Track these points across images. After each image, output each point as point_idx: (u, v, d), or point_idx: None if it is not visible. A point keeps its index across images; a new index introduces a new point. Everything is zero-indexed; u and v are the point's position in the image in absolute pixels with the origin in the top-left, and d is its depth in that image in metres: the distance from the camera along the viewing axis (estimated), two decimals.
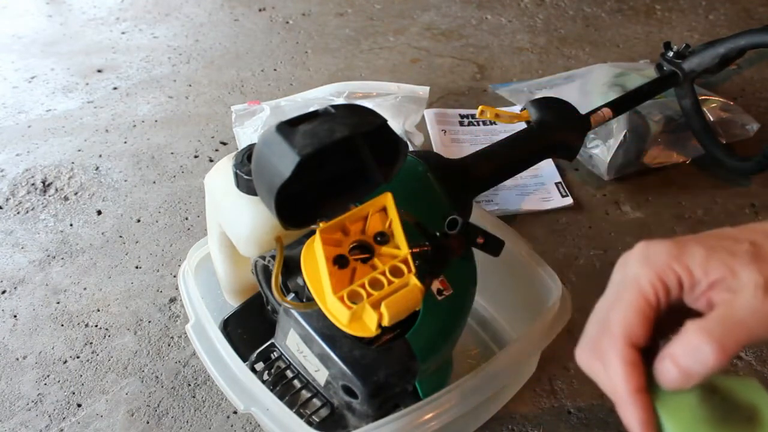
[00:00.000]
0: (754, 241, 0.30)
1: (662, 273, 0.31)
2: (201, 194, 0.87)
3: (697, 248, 0.31)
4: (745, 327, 0.28)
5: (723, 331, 0.28)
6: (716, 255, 0.30)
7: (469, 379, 0.50)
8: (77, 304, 0.74)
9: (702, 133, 0.92)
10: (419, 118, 0.97)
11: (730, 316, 0.29)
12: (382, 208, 0.42)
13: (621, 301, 0.31)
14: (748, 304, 0.29)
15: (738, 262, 0.30)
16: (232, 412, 0.63)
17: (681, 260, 0.30)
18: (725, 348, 0.28)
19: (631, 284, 0.31)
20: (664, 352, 0.30)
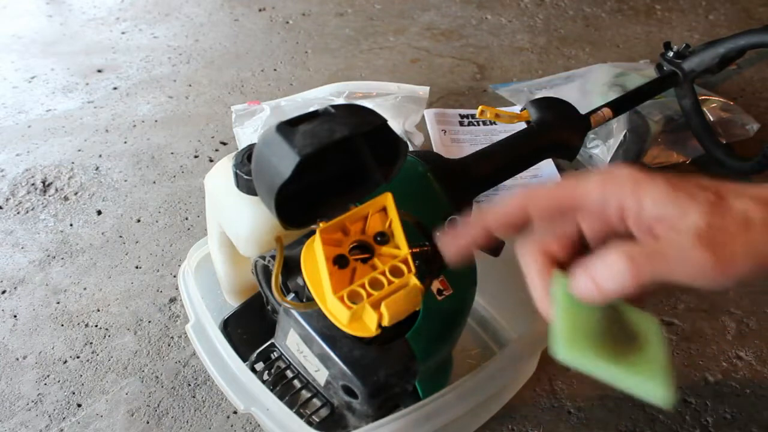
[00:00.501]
0: (721, 194, 0.31)
1: (608, 193, 0.32)
2: (201, 194, 0.87)
3: (661, 184, 0.31)
4: (666, 264, 0.29)
5: (644, 261, 0.29)
6: (675, 194, 0.31)
7: (469, 379, 0.50)
8: (77, 304, 0.74)
9: (702, 133, 0.92)
10: (419, 118, 0.97)
11: (657, 250, 0.30)
12: (382, 208, 0.42)
13: (557, 191, 0.34)
14: (680, 245, 0.29)
15: (693, 206, 0.30)
16: (232, 412, 0.63)
17: (637, 189, 0.31)
18: (640, 275, 0.29)
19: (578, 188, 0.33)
20: (584, 265, 0.31)
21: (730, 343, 0.70)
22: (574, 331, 0.32)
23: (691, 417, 0.63)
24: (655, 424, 0.62)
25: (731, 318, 0.73)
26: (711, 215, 0.30)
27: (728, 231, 0.29)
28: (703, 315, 0.73)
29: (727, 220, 0.30)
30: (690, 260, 0.29)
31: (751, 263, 0.30)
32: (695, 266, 0.29)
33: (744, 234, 0.29)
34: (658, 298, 0.74)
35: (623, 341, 0.32)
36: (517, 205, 0.35)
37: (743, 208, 0.30)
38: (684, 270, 0.29)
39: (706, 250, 0.29)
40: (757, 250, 0.30)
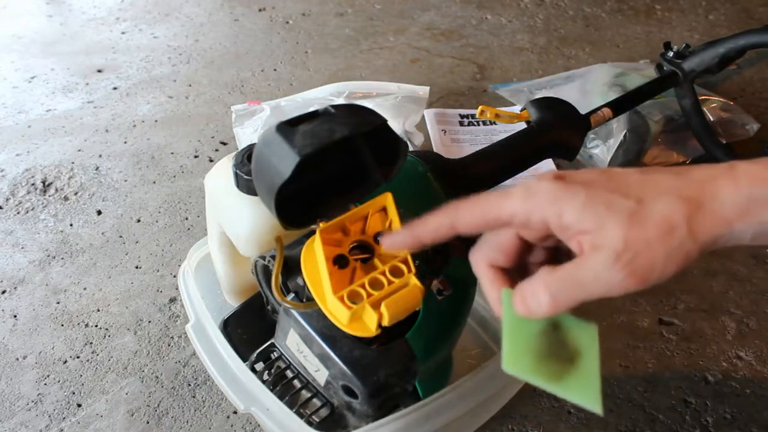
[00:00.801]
0: (642, 200, 0.31)
1: (530, 211, 0.32)
2: (201, 194, 0.87)
3: (580, 195, 0.31)
4: (583, 288, 0.31)
5: (561, 288, 0.31)
6: (593, 207, 0.31)
7: (469, 379, 0.50)
8: (77, 304, 0.74)
9: (702, 133, 0.92)
10: (419, 118, 0.97)
11: (573, 277, 0.31)
12: (382, 208, 0.42)
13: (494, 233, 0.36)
14: (595, 268, 0.30)
15: (611, 219, 0.30)
16: (232, 412, 0.63)
17: (556, 205, 0.32)
18: (558, 303, 0.32)
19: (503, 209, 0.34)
20: (518, 286, 0.34)
21: (730, 343, 0.70)
22: (515, 347, 0.34)
23: (691, 417, 0.63)
24: (655, 424, 0.62)
25: (731, 318, 0.73)
26: (629, 228, 0.30)
27: (647, 242, 0.30)
28: (703, 315, 0.73)
29: (646, 229, 0.30)
30: (608, 280, 0.30)
31: (675, 265, 0.30)
32: (616, 285, 0.30)
33: (665, 240, 0.30)
34: (658, 298, 0.75)
35: (560, 355, 0.34)
36: (444, 223, 0.35)
37: (665, 213, 0.30)
38: (605, 289, 0.31)
39: (623, 269, 0.30)
40: (680, 252, 0.30)
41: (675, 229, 0.30)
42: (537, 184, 0.32)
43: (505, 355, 0.34)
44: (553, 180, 0.32)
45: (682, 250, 0.30)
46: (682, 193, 0.31)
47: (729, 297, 0.75)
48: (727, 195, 0.30)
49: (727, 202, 0.30)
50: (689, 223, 0.30)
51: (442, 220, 0.36)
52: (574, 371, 0.34)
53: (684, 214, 0.30)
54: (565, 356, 0.34)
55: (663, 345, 0.69)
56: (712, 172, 0.31)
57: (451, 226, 0.35)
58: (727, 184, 0.30)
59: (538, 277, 0.32)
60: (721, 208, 0.30)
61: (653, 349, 0.69)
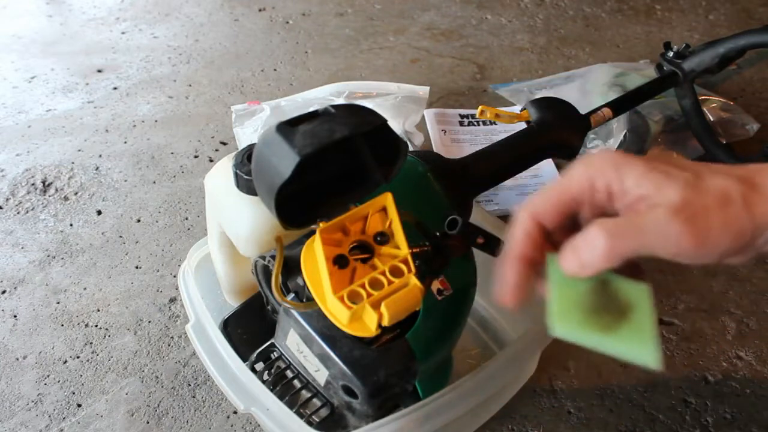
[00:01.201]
0: (699, 172, 0.32)
1: (594, 176, 0.33)
2: (201, 194, 0.87)
3: (639, 164, 0.32)
4: (641, 237, 0.30)
5: (620, 233, 0.31)
6: (652, 174, 0.32)
7: (469, 379, 0.50)
8: (77, 304, 0.74)
9: (702, 133, 0.92)
10: (419, 118, 0.97)
11: (633, 224, 0.31)
12: (382, 208, 0.42)
13: (550, 187, 0.35)
14: (655, 219, 0.30)
15: (669, 183, 0.31)
16: (232, 412, 0.63)
17: (619, 170, 0.32)
18: (618, 248, 0.31)
19: (565, 177, 0.35)
20: (569, 241, 0.33)
21: (730, 343, 0.70)
22: (565, 307, 0.33)
23: (691, 417, 0.63)
24: (655, 424, 0.62)
25: (731, 318, 0.73)
26: (687, 191, 0.31)
27: (705, 206, 0.30)
28: (703, 315, 0.73)
29: (703, 196, 0.31)
30: (667, 233, 0.30)
31: (730, 238, 0.30)
32: (672, 239, 0.30)
33: (721, 209, 0.30)
34: (659, 298, 0.75)
35: (612, 312, 0.33)
36: (533, 227, 0.35)
37: (721, 185, 0.31)
38: (662, 243, 0.30)
39: (683, 224, 0.30)
40: (736, 225, 0.30)
41: (731, 201, 0.30)
42: (597, 155, 0.33)
43: (553, 318, 0.33)
44: (613, 153, 0.33)
45: (737, 223, 0.30)
46: (737, 173, 0.31)
47: (729, 297, 0.75)
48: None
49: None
50: (745, 199, 0.30)
51: (530, 225, 0.35)
52: (626, 324, 0.33)
53: (740, 192, 0.31)
54: (617, 310, 0.33)
55: (663, 345, 0.69)
56: (759, 167, 0.32)
57: (538, 226, 0.35)
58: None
59: (596, 224, 0.32)
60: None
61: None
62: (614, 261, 0.31)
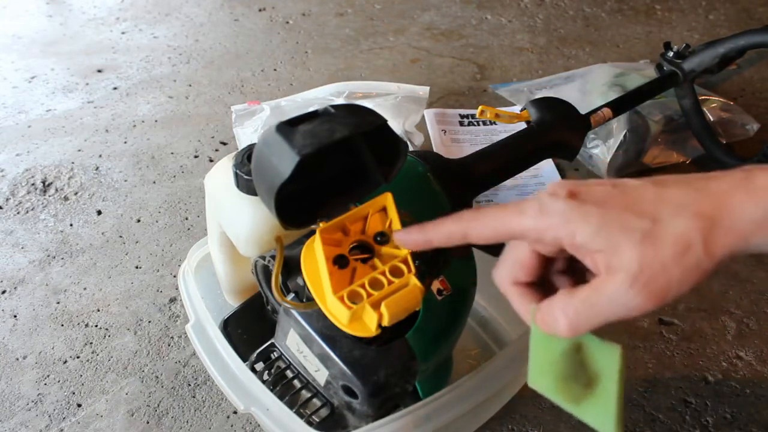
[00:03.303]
0: (656, 218, 0.30)
1: (543, 233, 0.32)
2: (201, 194, 0.87)
3: (592, 216, 0.31)
4: (600, 313, 0.31)
5: (578, 314, 0.32)
6: (606, 228, 0.31)
7: (469, 379, 0.50)
8: (77, 304, 0.74)
9: (702, 133, 0.92)
10: (419, 118, 0.97)
11: (590, 303, 0.31)
12: (382, 208, 0.42)
13: (507, 253, 0.36)
14: (612, 293, 0.30)
15: (626, 240, 0.30)
16: (232, 412, 0.63)
17: (569, 225, 0.31)
18: (576, 328, 0.32)
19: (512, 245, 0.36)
20: (539, 306, 0.34)
21: (730, 343, 0.70)
22: (540, 367, 0.35)
23: (691, 417, 0.63)
24: (655, 424, 0.62)
25: (731, 318, 0.73)
26: (644, 249, 0.30)
27: (663, 263, 0.30)
28: (703, 315, 0.73)
29: (661, 250, 0.30)
30: (627, 303, 0.30)
31: (689, 284, 0.30)
32: (633, 307, 0.30)
33: (681, 259, 0.30)
34: None
35: (581, 381, 0.34)
36: (457, 231, 0.36)
37: (681, 232, 0.30)
38: (622, 312, 0.31)
39: (640, 292, 0.30)
40: (696, 272, 0.30)
41: (691, 247, 0.30)
42: (551, 202, 0.32)
43: (530, 372, 0.35)
44: (566, 199, 0.32)
45: (698, 268, 0.30)
46: (697, 209, 0.30)
47: (729, 297, 0.75)
48: (744, 209, 0.30)
49: (744, 216, 0.30)
50: (705, 240, 0.30)
51: (456, 228, 0.36)
52: (592, 395, 0.34)
53: (700, 232, 0.30)
54: (585, 379, 0.34)
55: (663, 345, 0.69)
56: (729, 183, 0.31)
57: (463, 235, 0.36)
58: (745, 198, 0.30)
59: (556, 301, 0.33)
60: (739, 223, 0.30)
61: (653, 349, 0.69)
62: (576, 335, 0.33)
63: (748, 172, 0.31)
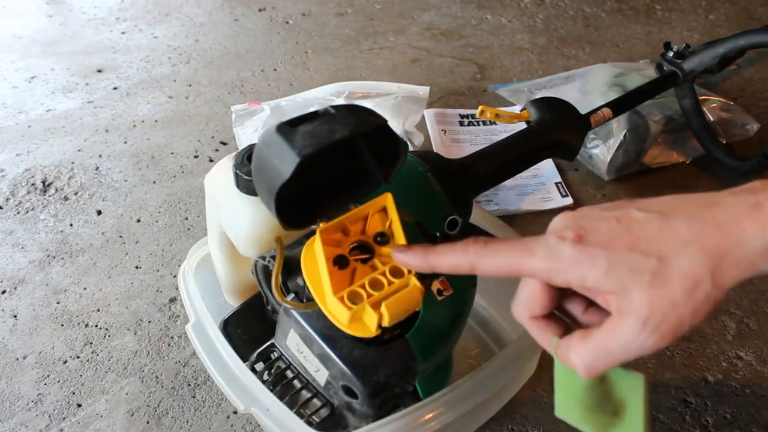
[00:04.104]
0: (663, 257, 0.30)
1: (553, 275, 0.33)
2: (201, 194, 0.87)
3: (599, 260, 0.31)
4: (613, 357, 0.32)
5: (593, 359, 0.33)
6: (615, 271, 0.31)
7: (469, 379, 0.50)
8: (77, 304, 0.74)
9: (702, 133, 0.92)
10: (419, 118, 0.97)
11: (603, 348, 0.32)
12: (382, 209, 0.42)
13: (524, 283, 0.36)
14: (624, 337, 0.31)
15: (635, 282, 0.30)
16: (232, 412, 0.63)
17: (578, 270, 0.32)
18: (592, 371, 0.33)
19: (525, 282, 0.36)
20: (558, 345, 0.35)
21: (730, 343, 0.70)
22: (566, 398, 0.37)
23: (691, 417, 0.63)
24: (655, 424, 0.62)
25: (731, 318, 0.73)
26: (653, 290, 0.30)
27: (673, 302, 0.30)
28: None
29: (671, 289, 0.30)
30: (640, 345, 0.31)
31: (702, 315, 0.30)
32: (644, 348, 0.31)
33: (691, 297, 0.30)
34: None
35: (607, 410, 0.35)
36: (464, 264, 0.36)
37: (688, 269, 0.30)
38: (634, 353, 0.31)
39: (652, 334, 0.30)
40: (705, 307, 0.30)
41: (699, 284, 0.30)
42: (558, 245, 0.32)
43: (557, 403, 0.37)
44: (573, 244, 0.32)
45: (708, 302, 0.30)
46: (704, 244, 0.30)
47: (729, 297, 0.75)
48: (752, 240, 0.29)
49: (753, 248, 0.29)
50: (713, 275, 0.30)
51: (463, 260, 0.36)
52: (619, 423, 0.35)
53: (708, 268, 0.30)
54: (611, 409, 0.35)
55: None
56: (737, 211, 0.30)
57: (470, 268, 0.36)
58: (753, 227, 0.29)
59: (572, 345, 0.33)
60: (747, 254, 0.29)
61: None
62: (594, 377, 0.33)
63: (758, 198, 0.30)
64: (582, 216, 0.33)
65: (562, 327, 0.36)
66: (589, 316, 0.36)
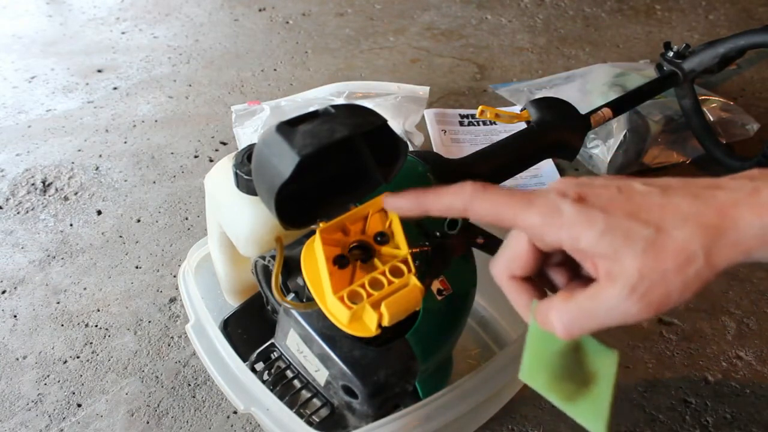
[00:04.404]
0: (660, 227, 0.30)
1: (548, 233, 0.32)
2: (201, 194, 0.87)
3: (597, 222, 0.31)
4: (596, 320, 0.31)
5: (573, 318, 0.32)
6: (610, 234, 0.30)
7: (469, 379, 0.50)
8: (77, 304, 0.74)
9: (702, 133, 0.92)
10: (419, 118, 0.97)
11: (586, 308, 0.31)
12: (382, 209, 0.42)
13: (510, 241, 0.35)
14: (609, 300, 0.30)
15: (628, 248, 0.30)
16: (232, 412, 0.63)
17: (574, 229, 0.31)
18: (570, 332, 0.32)
19: (514, 236, 0.35)
20: (537, 306, 0.34)
21: (730, 343, 0.70)
22: (534, 362, 0.35)
23: (691, 417, 0.63)
24: (655, 424, 0.62)
25: (731, 318, 0.73)
26: (646, 258, 0.30)
27: (663, 273, 0.30)
28: (703, 315, 0.73)
29: (663, 260, 0.30)
30: (622, 311, 0.30)
31: (688, 295, 0.30)
32: (628, 315, 0.30)
33: (682, 270, 0.30)
34: None
35: (576, 380, 0.35)
36: (458, 205, 0.35)
37: (683, 242, 0.30)
38: (617, 319, 0.31)
39: (639, 301, 0.30)
40: (696, 283, 0.30)
41: (693, 258, 0.30)
42: (560, 202, 0.32)
43: (524, 367, 0.35)
44: (573, 203, 0.31)
45: (698, 279, 0.30)
46: (702, 221, 0.30)
47: (729, 297, 0.75)
48: (749, 224, 0.29)
49: (749, 231, 0.29)
50: (707, 252, 0.30)
51: (457, 201, 0.35)
52: (586, 395, 0.34)
53: (702, 244, 0.30)
54: (581, 379, 0.35)
55: (663, 345, 0.69)
56: (736, 195, 0.30)
57: (463, 209, 0.35)
58: (750, 212, 0.29)
59: (553, 304, 0.33)
60: (742, 237, 0.30)
61: (653, 349, 0.69)
62: (571, 338, 0.33)
63: (757, 184, 0.30)
64: (584, 182, 0.33)
65: (539, 292, 0.35)
66: (572, 288, 0.35)
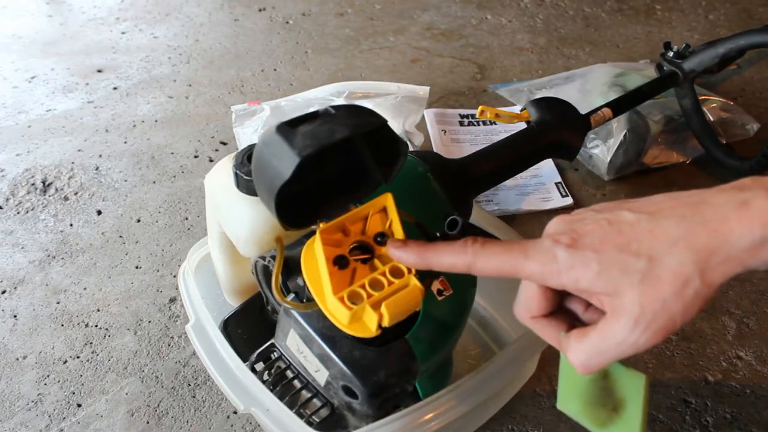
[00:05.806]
0: (652, 256, 0.31)
1: (549, 280, 0.34)
2: (201, 194, 0.87)
3: (591, 263, 0.32)
4: (609, 355, 0.33)
5: (589, 357, 0.33)
6: (606, 273, 0.32)
7: (469, 379, 0.50)
8: (77, 304, 0.74)
9: (702, 133, 0.92)
10: (419, 118, 0.97)
11: (598, 347, 0.33)
12: (383, 209, 0.42)
13: (523, 286, 0.37)
14: (618, 336, 0.32)
15: (626, 283, 0.31)
16: (232, 412, 0.63)
17: (572, 273, 0.33)
18: (589, 369, 0.34)
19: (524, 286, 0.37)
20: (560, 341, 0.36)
21: (730, 343, 0.70)
22: (567, 391, 0.38)
23: (691, 417, 0.63)
24: (655, 424, 0.62)
25: (731, 318, 0.73)
26: (644, 289, 0.31)
27: (663, 301, 0.31)
28: (703, 315, 0.73)
29: (661, 288, 0.31)
30: (632, 343, 0.32)
31: (693, 311, 0.31)
32: (638, 345, 0.32)
33: (680, 294, 0.30)
34: None
35: (607, 406, 0.36)
36: (461, 264, 0.36)
37: (677, 268, 0.30)
38: (628, 351, 0.32)
39: (644, 332, 0.31)
40: (696, 304, 0.31)
41: (688, 281, 0.30)
42: (554, 249, 0.33)
43: (559, 396, 0.38)
44: (566, 248, 0.33)
45: (698, 299, 0.31)
46: (692, 243, 0.31)
47: (729, 297, 0.75)
48: (739, 238, 0.30)
49: (740, 245, 0.30)
50: (702, 272, 0.30)
51: (459, 260, 0.36)
52: (616, 420, 0.35)
53: (696, 265, 0.30)
54: (611, 404, 0.36)
55: (663, 345, 0.70)
56: (725, 210, 0.30)
57: (467, 268, 0.36)
58: (740, 226, 0.30)
59: (569, 343, 0.35)
60: (735, 252, 0.30)
61: (653, 349, 0.69)
62: (592, 373, 0.34)
63: (746, 196, 0.30)
64: (575, 219, 0.34)
65: (567, 322, 0.37)
66: (590, 314, 0.37)
